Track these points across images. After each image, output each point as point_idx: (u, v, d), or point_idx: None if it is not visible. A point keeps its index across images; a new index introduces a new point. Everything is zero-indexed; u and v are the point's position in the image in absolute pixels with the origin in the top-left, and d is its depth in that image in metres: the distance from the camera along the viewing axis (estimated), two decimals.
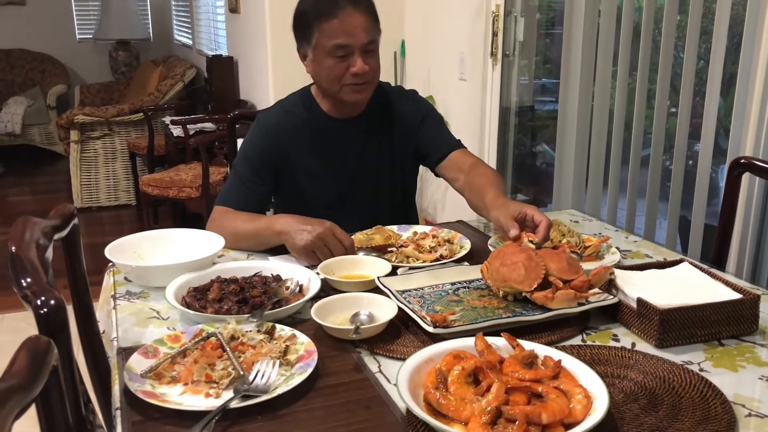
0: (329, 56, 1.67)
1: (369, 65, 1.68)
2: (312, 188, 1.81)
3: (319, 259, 1.48)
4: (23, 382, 0.73)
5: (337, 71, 1.68)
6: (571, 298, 1.23)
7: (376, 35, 1.70)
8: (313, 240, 1.49)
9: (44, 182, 6.14)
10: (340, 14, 1.63)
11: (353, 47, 1.65)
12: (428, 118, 1.89)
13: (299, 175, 1.80)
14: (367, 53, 1.68)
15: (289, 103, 1.84)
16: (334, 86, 1.71)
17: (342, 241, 1.51)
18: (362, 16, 1.66)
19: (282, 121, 1.80)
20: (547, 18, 2.95)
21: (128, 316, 1.31)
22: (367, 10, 1.68)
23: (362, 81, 1.69)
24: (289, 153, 1.79)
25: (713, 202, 2.23)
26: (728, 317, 1.20)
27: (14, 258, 1.02)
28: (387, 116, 1.85)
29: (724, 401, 0.99)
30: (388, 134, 1.85)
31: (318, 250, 1.50)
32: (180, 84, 5.59)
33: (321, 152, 1.81)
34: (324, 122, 1.81)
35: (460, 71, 3.07)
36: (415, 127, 1.86)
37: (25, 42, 7.03)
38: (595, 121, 2.49)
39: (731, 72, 2.02)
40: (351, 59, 1.66)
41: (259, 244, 1.62)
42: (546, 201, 3.06)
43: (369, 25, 1.67)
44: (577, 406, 0.91)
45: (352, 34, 1.64)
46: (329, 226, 1.52)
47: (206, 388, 1.03)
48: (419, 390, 0.97)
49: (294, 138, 1.79)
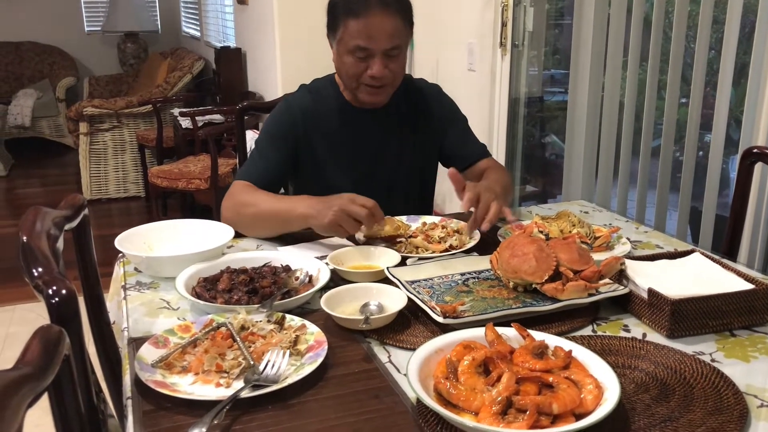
0: (350, 54, 1.66)
1: (390, 69, 1.66)
2: (329, 174, 1.81)
3: (348, 232, 1.48)
4: (36, 371, 0.73)
5: (356, 70, 1.67)
6: (581, 289, 1.23)
7: (403, 40, 1.67)
8: (336, 213, 1.47)
9: (54, 174, 6.16)
10: (367, 15, 1.61)
11: (374, 51, 1.64)
12: (455, 121, 1.91)
13: (318, 158, 1.80)
14: (390, 57, 1.66)
15: (315, 88, 1.84)
16: (352, 83, 1.71)
17: (364, 205, 1.48)
18: (390, 21, 1.62)
19: (307, 103, 1.80)
20: (557, 8, 2.93)
21: (138, 306, 1.31)
22: (398, 14, 1.64)
23: (379, 84, 1.68)
24: (310, 135, 1.79)
25: (724, 193, 2.22)
26: (740, 307, 1.19)
27: (25, 248, 1.02)
28: (411, 111, 1.85)
29: (736, 392, 0.99)
30: (410, 129, 1.85)
31: (343, 223, 1.47)
32: (188, 76, 5.59)
33: (341, 139, 1.81)
34: (346, 111, 1.81)
35: (469, 61, 3.05)
36: (440, 127, 1.87)
37: (34, 34, 7.05)
38: (605, 112, 2.47)
39: (743, 62, 2.00)
40: (371, 61, 1.65)
41: (279, 226, 1.61)
42: (555, 192, 3.05)
43: (396, 31, 1.64)
44: (587, 396, 0.91)
45: (374, 38, 1.62)
46: (348, 196, 1.50)
47: (217, 378, 1.03)
48: (429, 380, 0.97)
49: (317, 121, 1.79)
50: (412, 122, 1.85)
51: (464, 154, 1.88)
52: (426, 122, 1.86)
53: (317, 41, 3.84)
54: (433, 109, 1.87)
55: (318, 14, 2.80)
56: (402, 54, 1.69)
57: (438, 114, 1.87)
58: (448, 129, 1.88)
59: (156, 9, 7.50)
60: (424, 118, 1.86)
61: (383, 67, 1.65)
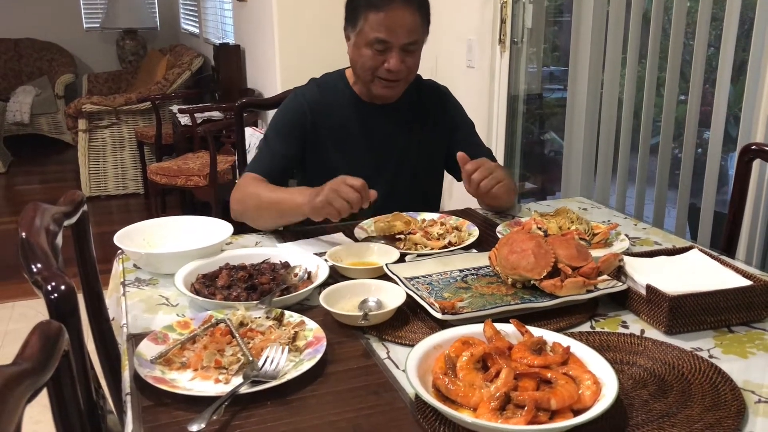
0: (368, 47, 1.68)
1: (406, 63, 1.69)
2: (334, 167, 1.80)
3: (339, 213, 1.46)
4: (35, 366, 0.73)
5: (373, 63, 1.69)
6: (580, 286, 1.23)
7: (420, 36, 1.70)
8: (326, 194, 1.47)
9: (52, 171, 6.16)
10: (389, 9, 1.63)
11: (393, 44, 1.66)
12: (463, 125, 1.92)
13: (324, 151, 1.81)
14: (407, 52, 1.68)
15: (324, 82, 1.86)
16: (368, 76, 1.72)
17: (353, 185, 1.47)
18: (410, 16, 1.65)
19: (316, 97, 1.81)
20: (556, 5, 2.93)
21: (138, 302, 1.32)
22: (418, 10, 1.68)
23: (395, 78, 1.70)
24: (318, 128, 1.80)
25: (722, 190, 2.22)
26: (738, 304, 1.19)
27: (24, 244, 1.03)
28: (421, 109, 1.86)
29: (733, 387, 0.99)
30: (418, 129, 1.86)
31: (334, 202, 1.46)
32: (187, 73, 5.59)
33: (348, 132, 1.82)
34: (355, 105, 1.82)
35: (468, 59, 3.05)
36: (448, 128, 1.89)
37: (32, 31, 7.04)
38: (604, 109, 2.47)
39: (742, 59, 2.00)
40: (388, 54, 1.67)
41: (279, 216, 1.63)
42: (554, 189, 3.05)
43: (415, 26, 1.67)
44: (586, 392, 0.91)
45: (394, 32, 1.64)
46: (339, 178, 1.50)
47: (216, 374, 1.03)
48: (428, 376, 0.97)
49: (325, 114, 1.80)
50: (421, 120, 1.86)
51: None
52: (435, 121, 1.87)
53: (316, 38, 3.85)
54: (442, 110, 1.89)
55: (317, 11, 2.83)
56: (418, 50, 1.72)
57: (447, 115, 1.90)
58: (455, 131, 1.90)
59: (155, 6, 7.49)
60: (433, 117, 1.87)
61: (400, 62, 1.67)
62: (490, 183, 1.60)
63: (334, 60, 1.74)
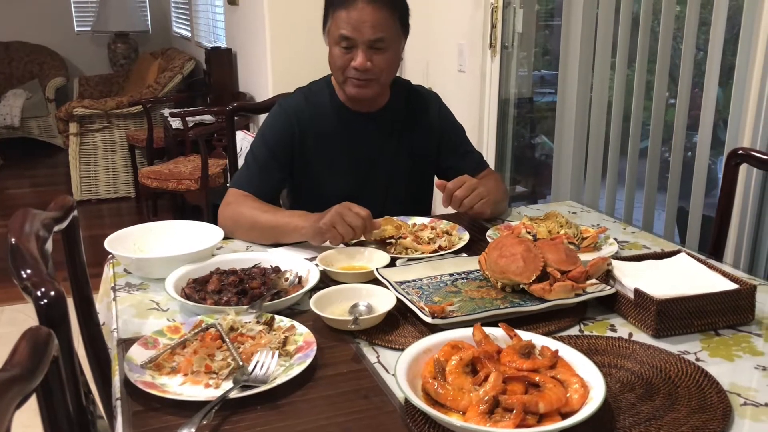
0: (336, 45, 1.68)
1: (374, 62, 1.66)
2: (325, 178, 1.81)
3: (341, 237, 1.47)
4: (24, 372, 0.73)
5: (341, 62, 1.68)
6: (568, 290, 1.24)
7: (389, 33, 1.66)
8: (332, 216, 1.48)
9: (43, 175, 6.14)
10: (352, 6, 1.63)
11: (357, 41, 1.64)
12: (452, 131, 1.91)
13: (313, 162, 1.80)
14: (375, 50, 1.66)
15: (310, 90, 1.84)
16: (339, 76, 1.72)
17: (359, 214, 1.49)
18: (376, 13, 1.63)
19: (302, 106, 1.80)
20: (546, 9, 2.94)
21: (128, 307, 1.32)
22: (385, 7, 1.65)
23: (364, 77, 1.68)
24: (306, 139, 1.78)
25: (711, 194, 2.23)
26: (725, 307, 1.20)
27: (14, 249, 1.03)
28: (409, 116, 1.85)
29: (719, 390, 1.00)
30: (408, 135, 1.85)
31: (338, 225, 1.47)
32: (179, 76, 5.58)
33: (337, 142, 1.80)
34: (342, 113, 1.80)
35: (458, 63, 3.06)
36: (438, 134, 1.87)
37: (23, 34, 7.01)
38: (593, 113, 2.49)
39: (730, 63, 2.02)
40: (354, 52, 1.66)
41: (274, 237, 1.61)
42: (545, 192, 3.07)
43: (381, 22, 1.64)
44: (574, 395, 0.92)
45: (357, 29, 1.63)
46: (344, 204, 1.51)
47: (206, 379, 1.03)
48: (417, 380, 0.98)
49: (312, 124, 1.79)
50: (409, 126, 1.85)
51: (461, 166, 1.85)
52: (423, 127, 1.86)
53: (308, 42, 3.85)
54: (431, 116, 1.87)
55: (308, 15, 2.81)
56: (390, 49, 1.68)
57: (436, 121, 1.87)
58: (444, 137, 1.88)
59: (146, 9, 7.47)
60: (422, 124, 1.86)
61: (366, 59, 1.65)
62: (473, 200, 1.60)
63: (326, 64, 1.74)
